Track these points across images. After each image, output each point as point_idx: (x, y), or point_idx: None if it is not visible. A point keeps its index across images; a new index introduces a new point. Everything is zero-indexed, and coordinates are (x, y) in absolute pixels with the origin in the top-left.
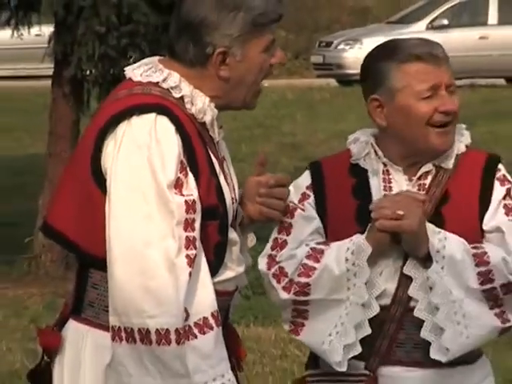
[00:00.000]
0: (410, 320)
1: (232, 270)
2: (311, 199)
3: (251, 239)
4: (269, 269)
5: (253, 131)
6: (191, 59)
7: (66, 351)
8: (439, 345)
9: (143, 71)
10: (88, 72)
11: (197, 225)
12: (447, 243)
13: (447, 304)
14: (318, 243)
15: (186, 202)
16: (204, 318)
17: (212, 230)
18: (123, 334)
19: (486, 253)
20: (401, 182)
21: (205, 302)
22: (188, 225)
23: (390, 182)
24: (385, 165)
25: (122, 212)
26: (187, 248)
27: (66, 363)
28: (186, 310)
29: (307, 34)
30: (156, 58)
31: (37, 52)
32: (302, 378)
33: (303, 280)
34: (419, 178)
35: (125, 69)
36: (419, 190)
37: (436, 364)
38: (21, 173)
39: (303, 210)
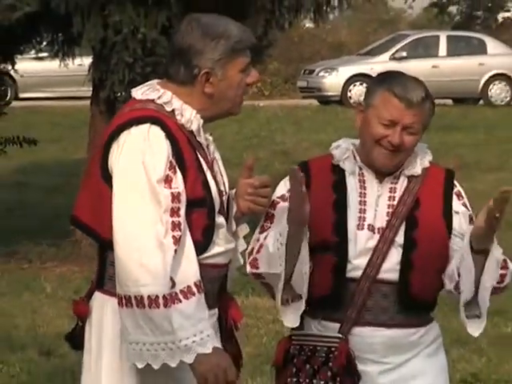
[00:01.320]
0: (376, 290)
1: (220, 247)
2: (278, 208)
3: (244, 229)
4: (250, 250)
5: (251, 141)
6: (182, 79)
7: (92, 316)
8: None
9: (143, 91)
10: (119, 94)
11: (182, 212)
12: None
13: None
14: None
15: (171, 193)
16: (188, 286)
17: (200, 215)
18: (124, 301)
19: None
20: (373, 183)
21: (189, 273)
22: (174, 212)
23: (364, 182)
24: (360, 168)
25: (122, 204)
26: (173, 230)
27: (94, 325)
28: (172, 280)
29: (294, 63)
30: (155, 81)
31: (79, 78)
32: (288, 336)
33: (254, 256)
34: (391, 182)
35: (131, 90)
36: (390, 191)
37: (398, 325)
38: (66, 175)
39: (273, 214)
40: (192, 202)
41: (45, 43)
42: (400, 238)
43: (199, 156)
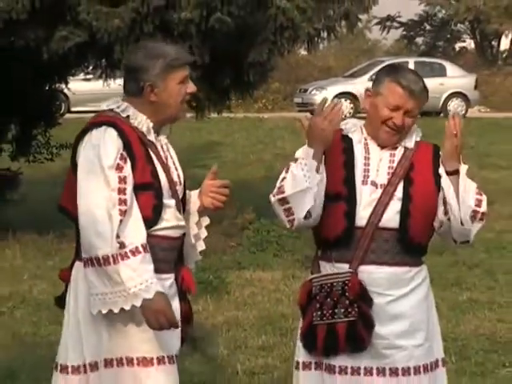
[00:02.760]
0: (379, 235)
1: (169, 222)
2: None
3: (206, 220)
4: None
5: (257, 146)
6: (133, 92)
7: (71, 280)
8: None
9: (108, 103)
10: None
11: (128, 191)
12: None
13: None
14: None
15: (119, 177)
16: (136, 246)
17: (149, 197)
18: (88, 262)
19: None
20: (375, 150)
21: (136, 237)
22: (121, 191)
23: (368, 149)
24: (365, 139)
25: (82, 186)
26: (120, 205)
27: (72, 287)
28: (122, 243)
29: (292, 84)
30: (121, 96)
31: (120, 93)
32: (308, 280)
33: (279, 184)
34: (390, 151)
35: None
36: (390, 156)
37: (397, 264)
38: None
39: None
40: (141, 185)
41: (91, 67)
42: (399, 193)
43: (150, 151)
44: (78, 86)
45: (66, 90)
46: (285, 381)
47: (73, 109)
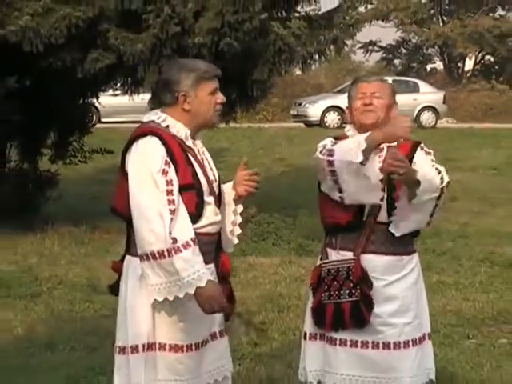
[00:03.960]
0: (377, 228)
1: (209, 219)
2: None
3: (240, 207)
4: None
5: (259, 151)
6: (169, 102)
7: (123, 271)
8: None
9: (148, 116)
10: None
11: (175, 192)
12: None
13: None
14: None
15: (166, 180)
16: (186, 241)
17: (191, 195)
18: (143, 257)
19: None
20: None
21: (185, 233)
22: (169, 192)
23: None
24: None
25: (134, 191)
26: (169, 205)
27: (123, 277)
28: (175, 238)
29: (288, 98)
30: (157, 110)
31: (142, 108)
32: (318, 266)
33: (329, 147)
34: (380, 150)
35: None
36: (379, 157)
37: (391, 253)
38: None
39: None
40: (184, 186)
41: (118, 84)
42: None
43: (189, 155)
44: (107, 100)
45: (96, 104)
46: (282, 350)
47: (103, 119)
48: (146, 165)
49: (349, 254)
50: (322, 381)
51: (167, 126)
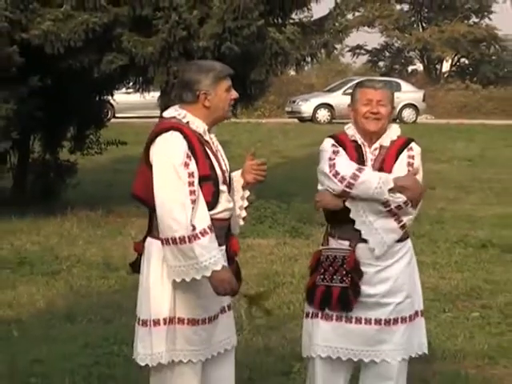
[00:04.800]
0: None
1: (223, 206)
2: (340, 148)
3: (246, 192)
4: (330, 171)
5: (257, 144)
6: (190, 100)
7: (145, 251)
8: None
9: (169, 112)
10: None
11: (195, 183)
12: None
13: (368, 226)
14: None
15: (188, 173)
16: (204, 228)
17: (209, 186)
18: (164, 241)
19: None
20: (367, 150)
21: (203, 221)
22: (190, 184)
23: (365, 149)
24: (360, 139)
25: (158, 181)
26: (190, 195)
27: (145, 257)
28: (194, 226)
29: (284, 96)
30: (177, 106)
31: (152, 105)
32: (318, 250)
33: (349, 180)
34: (374, 149)
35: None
36: (372, 154)
37: None
38: None
39: (339, 151)
40: (203, 177)
41: (131, 83)
42: None
43: (206, 148)
44: (121, 97)
45: (111, 101)
46: (277, 322)
47: (117, 115)
48: (170, 158)
49: (346, 244)
50: (309, 354)
51: (187, 122)
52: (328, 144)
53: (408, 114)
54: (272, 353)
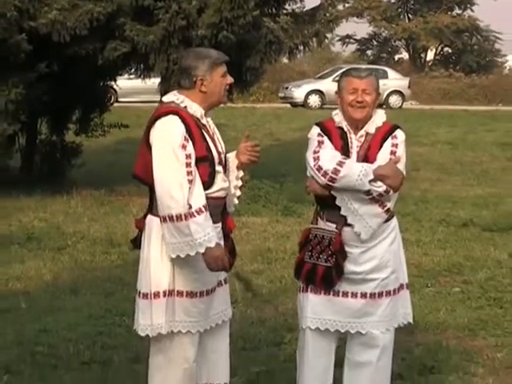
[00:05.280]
0: None
1: (218, 185)
2: (325, 138)
3: (241, 173)
4: (314, 165)
5: (252, 127)
6: (187, 86)
7: (145, 228)
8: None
9: (168, 97)
10: None
11: (192, 164)
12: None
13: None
14: (344, 158)
15: (185, 154)
16: (199, 207)
17: (206, 166)
18: (162, 219)
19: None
20: (352, 136)
21: (199, 200)
22: (187, 165)
23: (350, 136)
24: (346, 126)
25: (157, 162)
26: (187, 175)
27: (146, 234)
28: (190, 205)
29: (277, 83)
30: (175, 91)
31: (152, 90)
32: (308, 228)
33: (330, 176)
34: (360, 136)
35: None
36: (358, 141)
37: None
38: None
39: (324, 141)
40: (200, 158)
41: (133, 69)
42: None
43: (203, 131)
44: (124, 83)
45: (114, 86)
46: (270, 296)
47: (120, 99)
48: (169, 140)
49: (333, 226)
50: (300, 325)
51: (185, 107)
52: (315, 133)
53: (394, 100)
54: (265, 324)
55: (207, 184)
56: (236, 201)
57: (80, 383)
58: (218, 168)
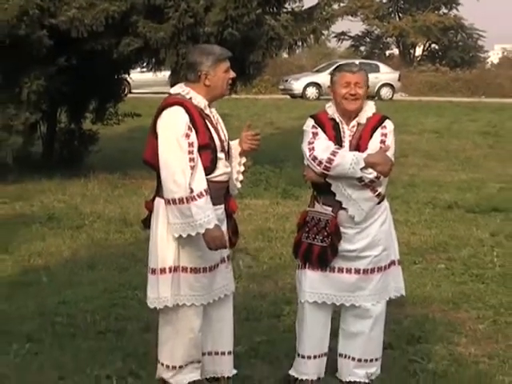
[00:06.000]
0: None
1: (221, 170)
2: (319, 129)
3: (243, 159)
4: (309, 156)
5: (253, 117)
6: (193, 79)
7: (154, 210)
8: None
9: (174, 89)
10: None
11: (194, 152)
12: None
13: (347, 197)
14: (337, 148)
15: (188, 143)
16: (200, 191)
17: (208, 153)
18: (166, 201)
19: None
20: (344, 127)
21: (200, 185)
22: (190, 152)
23: (343, 127)
24: (338, 117)
25: (162, 150)
26: (190, 162)
27: (154, 215)
28: (192, 189)
29: (278, 76)
30: (183, 83)
31: (163, 82)
32: (305, 211)
33: (325, 165)
34: (352, 127)
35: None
36: (350, 131)
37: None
38: None
39: (318, 133)
40: (203, 146)
41: (145, 63)
42: None
43: (206, 121)
44: (136, 75)
45: (128, 78)
46: (270, 271)
47: (133, 91)
48: (173, 130)
49: (329, 209)
50: (299, 299)
51: (190, 98)
52: (309, 125)
53: (385, 92)
54: (265, 298)
55: (209, 169)
56: (239, 185)
57: (96, 351)
58: (220, 155)
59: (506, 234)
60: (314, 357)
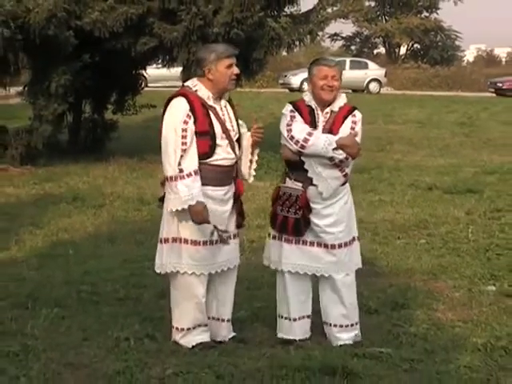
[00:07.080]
0: None
1: (220, 155)
2: (296, 114)
3: (256, 150)
4: (287, 135)
5: (257, 108)
6: (200, 74)
7: (165, 189)
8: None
9: (187, 82)
10: None
11: (188, 137)
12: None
13: (318, 175)
14: (312, 130)
15: (182, 128)
16: (190, 172)
17: (206, 139)
18: (165, 179)
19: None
20: (320, 113)
21: (190, 166)
22: (183, 137)
23: (317, 113)
24: (314, 105)
25: (163, 134)
26: (182, 145)
27: (166, 193)
28: (182, 169)
29: (278, 71)
30: (196, 78)
31: (175, 77)
32: (278, 186)
33: (301, 144)
34: (326, 113)
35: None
36: (324, 117)
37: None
38: None
39: (295, 116)
40: (201, 132)
41: (160, 60)
42: None
43: (210, 111)
44: (152, 71)
45: (145, 74)
46: None
47: (149, 85)
48: (173, 116)
49: (300, 185)
50: (279, 268)
51: (196, 90)
52: (288, 109)
53: (373, 87)
54: (265, 269)
55: (208, 154)
56: (253, 172)
57: (116, 315)
58: (221, 142)
59: (479, 213)
60: (300, 318)
